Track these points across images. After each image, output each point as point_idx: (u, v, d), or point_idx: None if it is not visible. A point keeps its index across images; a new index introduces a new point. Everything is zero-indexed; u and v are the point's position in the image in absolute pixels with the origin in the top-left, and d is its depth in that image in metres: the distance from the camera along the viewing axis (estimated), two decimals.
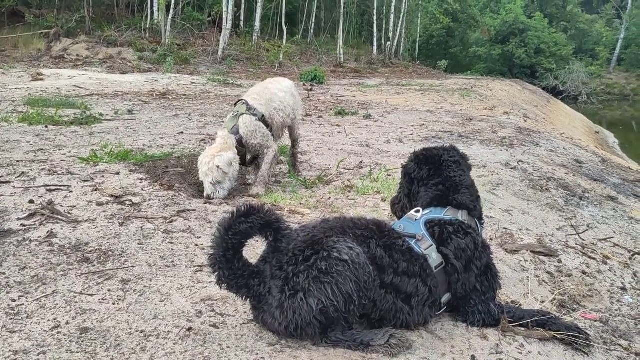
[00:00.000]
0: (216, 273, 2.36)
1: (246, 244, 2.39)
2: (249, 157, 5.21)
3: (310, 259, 2.25)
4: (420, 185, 2.84)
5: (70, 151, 5.96)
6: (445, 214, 2.66)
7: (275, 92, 5.20)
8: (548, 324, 2.58)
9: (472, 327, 2.56)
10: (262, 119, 4.93)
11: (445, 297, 2.56)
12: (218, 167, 4.53)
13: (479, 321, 2.55)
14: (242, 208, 2.33)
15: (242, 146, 4.86)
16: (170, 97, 13.10)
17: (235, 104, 5.11)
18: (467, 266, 2.54)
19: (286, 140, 5.93)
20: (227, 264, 2.33)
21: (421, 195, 2.81)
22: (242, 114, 4.88)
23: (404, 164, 3.01)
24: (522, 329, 2.56)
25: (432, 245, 2.54)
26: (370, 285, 2.28)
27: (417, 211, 2.72)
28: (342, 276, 2.18)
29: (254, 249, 2.90)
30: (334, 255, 2.22)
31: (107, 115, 9.22)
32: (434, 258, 2.51)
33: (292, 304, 2.20)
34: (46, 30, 21.27)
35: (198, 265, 3.09)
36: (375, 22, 34.94)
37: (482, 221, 2.86)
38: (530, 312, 2.67)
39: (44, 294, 2.64)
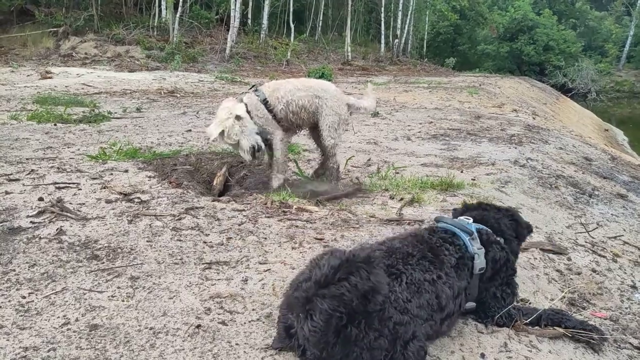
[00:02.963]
0: None
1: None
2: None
3: None
4: None
5: (79, 149, 5.99)
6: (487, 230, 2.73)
7: (285, 84, 5.13)
8: (563, 321, 2.58)
9: (499, 327, 2.57)
10: (264, 102, 4.91)
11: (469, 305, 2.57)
12: (237, 115, 4.66)
13: (502, 325, 2.56)
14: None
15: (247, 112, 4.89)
16: (178, 95, 13.14)
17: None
18: (493, 275, 2.59)
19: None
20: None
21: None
22: (246, 93, 5.00)
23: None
24: (535, 327, 2.55)
25: (482, 248, 2.56)
26: None
27: (468, 219, 2.76)
28: None
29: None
30: None
31: (116, 113, 9.25)
32: (481, 261, 2.52)
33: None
34: (55, 29, 21.36)
35: (206, 263, 3.10)
36: (383, 19, 34.83)
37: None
38: (546, 311, 2.66)
39: (54, 291, 2.66)
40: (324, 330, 1.80)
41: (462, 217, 2.78)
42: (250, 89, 5.08)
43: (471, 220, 2.74)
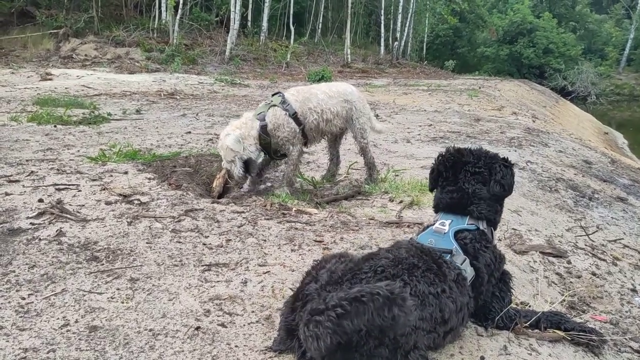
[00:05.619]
0: None
1: None
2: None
3: None
4: (438, 185, 2.77)
5: (78, 150, 5.98)
6: (468, 223, 2.58)
7: (314, 93, 5.03)
8: (562, 322, 2.57)
9: (499, 330, 2.54)
10: (294, 116, 4.81)
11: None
12: (227, 147, 4.62)
13: (502, 327, 2.54)
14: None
15: (266, 134, 4.76)
16: (178, 97, 13.14)
17: (273, 95, 4.98)
18: (489, 278, 2.50)
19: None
20: None
21: (436, 196, 2.75)
22: (274, 106, 4.81)
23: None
24: (535, 330, 2.54)
25: (466, 259, 2.44)
26: None
27: (443, 224, 2.60)
28: None
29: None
30: None
31: (115, 114, 9.26)
32: (469, 272, 2.42)
33: None
34: (55, 31, 21.37)
35: (206, 265, 3.10)
36: (382, 22, 34.84)
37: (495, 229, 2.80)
38: (545, 313, 2.64)
39: (54, 292, 2.65)
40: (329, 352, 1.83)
41: (437, 225, 2.60)
42: (274, 95, 4.94)
43: (447, 223, 2.58)
